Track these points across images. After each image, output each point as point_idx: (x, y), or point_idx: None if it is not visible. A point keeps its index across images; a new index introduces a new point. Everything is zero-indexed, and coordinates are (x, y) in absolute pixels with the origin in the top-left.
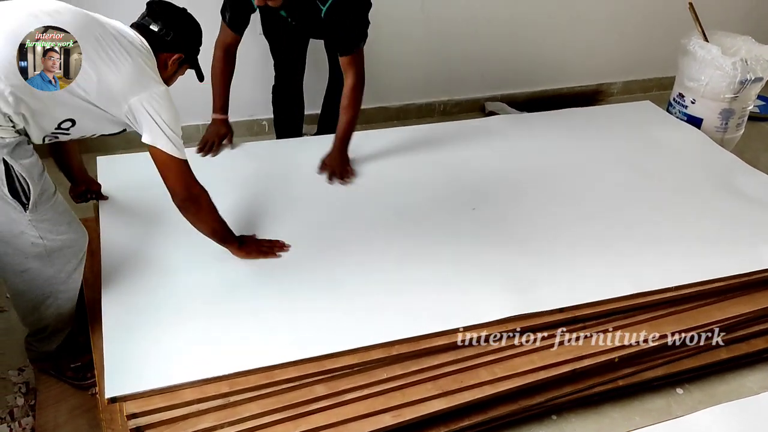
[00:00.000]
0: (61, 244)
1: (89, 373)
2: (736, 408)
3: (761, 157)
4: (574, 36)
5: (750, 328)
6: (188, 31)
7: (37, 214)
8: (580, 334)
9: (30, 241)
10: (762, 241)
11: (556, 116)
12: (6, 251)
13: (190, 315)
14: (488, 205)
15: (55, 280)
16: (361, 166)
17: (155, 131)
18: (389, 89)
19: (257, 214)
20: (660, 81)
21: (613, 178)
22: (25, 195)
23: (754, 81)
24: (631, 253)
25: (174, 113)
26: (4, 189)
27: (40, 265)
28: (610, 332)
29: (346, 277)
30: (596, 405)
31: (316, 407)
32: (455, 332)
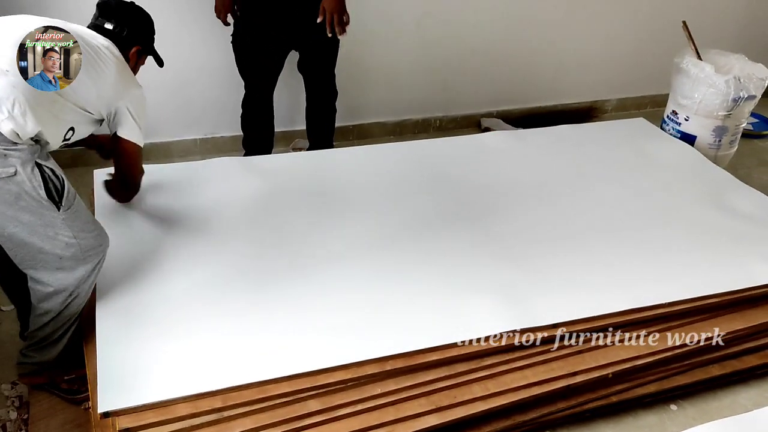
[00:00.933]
0: (93, 242)
1: (83, 387)
2: (731, 424)
3: (754, 174)
4: (569, 53)
5: (742, 345)
6: (140, 23)
7: (69, 213)
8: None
9: (65, 241)
10: (755, 257)
11: (551, 132)
12: (41, 256)
13: (184, 329)
14: (483, 220)
15: (83, 279)
16: (357, 180)
17: (132, 127)
18: (386, 105)
19: (254, 228)
20: (654, 98)
21: (608, 194)
22: (58, 194)
23: (747, 99)
24: (625, 269)
25: (145, 107)
26: (41, 191)
27: (73, 264)
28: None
29: (340, 292)
30: (590, 421)
31: (310, 422)
32: (449, 348)
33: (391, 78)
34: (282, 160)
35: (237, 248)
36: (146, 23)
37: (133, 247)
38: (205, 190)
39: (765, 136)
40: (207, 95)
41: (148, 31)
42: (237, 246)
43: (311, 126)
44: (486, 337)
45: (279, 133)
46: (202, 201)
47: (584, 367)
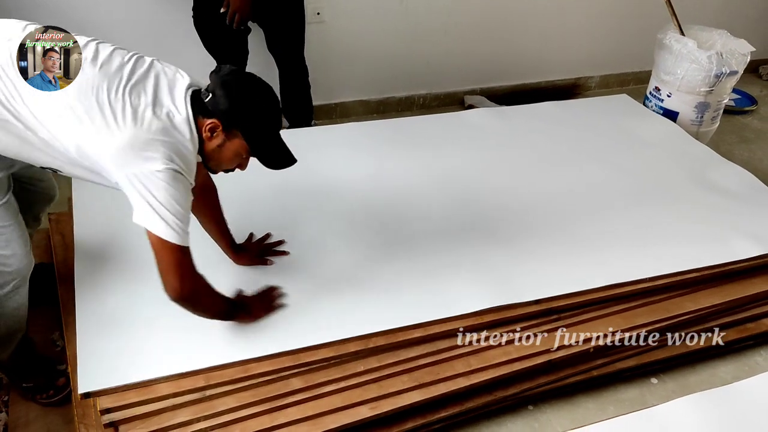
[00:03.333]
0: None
1: (51, 390)
2: (711, 397)
3: (735, 150)
4: (552, 30)
5: (722, 319)
6: (238, 97)
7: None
8: (555, 325)
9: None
10: (735, 232)
11: (535, 109)
12: None
13: (165, 309)
14: (466, 198)
15: None
16: (340, 158)
17: (145, 212)
18: (369, 83)
19: (233, 209)
20: (637, 75)
21: (590, 170)
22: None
23: (729, 74)
24: (606, 245)
25: (173, 192)
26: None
27: None
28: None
29: (322, 270)
30: (571, 395)
31: (293, 400)
32: (432, 324)
33: (374, 55)
34: None
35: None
36: (249, 103)
37: (112, 227)
38: None
39: (747, 112)
40: None
41: (244, 112)
42: None
43: (286, 105)
44: (464, 315)
45: None
46: None
47: (565, 342)
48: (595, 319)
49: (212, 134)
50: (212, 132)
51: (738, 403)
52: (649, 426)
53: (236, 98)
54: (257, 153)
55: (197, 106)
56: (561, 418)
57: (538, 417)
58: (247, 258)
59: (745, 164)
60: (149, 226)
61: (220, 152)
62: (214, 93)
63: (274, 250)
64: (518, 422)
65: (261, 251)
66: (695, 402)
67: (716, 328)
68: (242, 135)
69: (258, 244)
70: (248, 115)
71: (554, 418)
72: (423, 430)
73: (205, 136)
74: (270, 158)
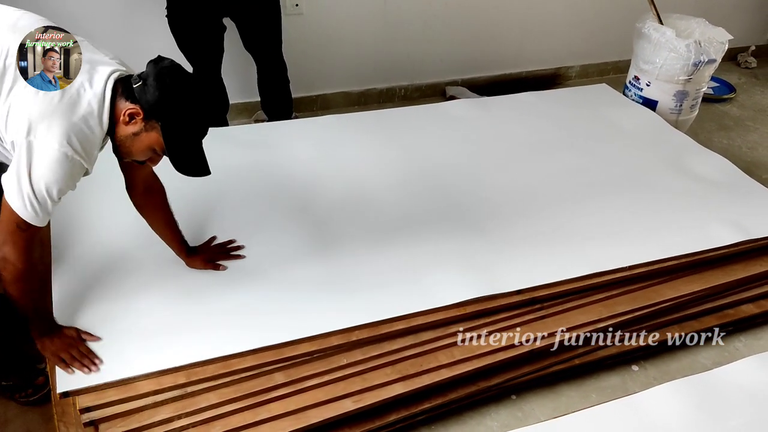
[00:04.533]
0: None
1: (30, 389)
2: (691, 383)
3: (714, 138)
4: (532, 20)
5: (701, 306)
6: (169, 92)
7: None
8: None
9: None
10: (713, 220)
11: (515, 100)
12: None
13: (144, 306)
14: (448, 188)
15: None
16: (321, 150)
17: (12, 177)
18: (350, 74)
19: (211, 204)
20: (616, 64)
21: (570, 160)
22: None
23: (707, 63)
24: (586, 235)
25: (49, 176)
26: None
27: None
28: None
29: (303, 263)
30: (553, 384)
31: (276, 395)
32: (415, 316)
33: (355, 47)
34: (240, 131)
35: (197, 223)
36: (186, 106)
37: (89, 225)
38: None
39: (725, 100)
40: None
41: (182, 119)
42: (197, 221)
43: (266, 101)
44: (447, 306)
45: (241, 105)
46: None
47: (548, 332)
48: (577, 308)
49: (130, 120)
50: (131, 118)
51: (718, 389)
52: (631, 413)
53: (167, 92)
54: (171, 153)
55: (125, 90)
56: (544, 407)
57: (522, 406)
58: (200, 261)
59: (723, 152)
60: (7, 193)
61: (134, 141)
62: (145, 81)
63: (231, 254)
64: (502, 412)
65: (214, 255)
66: (676, 388)
67: (716, 328)
68: (161, 130)
69: (211, 247)
70: (174, 112)
71: (537, 407)
72: (407, 421)
73: (123, 120)
74: (182, 162)
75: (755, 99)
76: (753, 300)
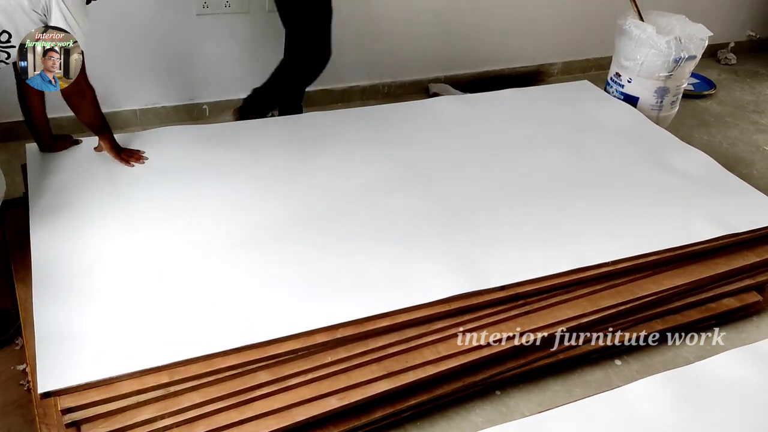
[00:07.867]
0: None
1: None
2: (674, 377)
3: (695, 134)
4: (515, 17)
5: (684, 300)
6: None
7: None
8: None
9: None
10: (694, 215)
11: (498, 96)
12: None
13: (127, 304)
14: (432, 185)
15: None
16: (305, 148)
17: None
18: (333, 72)
19: (191, 203)
20: (598, 61)
21: (552, 156)
22: None
23: (687, 59)
24: (570, 230)
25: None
26: None
27: None
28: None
29: (286, 261)
30: (538, 379)
31: (260, 393)
32: (399, 313)
33: (337, 44)
34: (221, 129)
35: (180, 220)
36: None
37: (69, 221)
38: (149, 159)
39: (705, 96)
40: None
41: None
42: (180, 217)
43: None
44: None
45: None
46: (141, 171)
47: (532, 327)
48: (561, 303)
49: None
50: None
51: (701, 382)
52: (614, 406)
53: None
54: None
55: None
56: (529, 401)
57: (506, 402)
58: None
59: (704, 147)
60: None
61: None
62: None
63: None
64: (487, 407)
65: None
66: (659, 382)
67: (716, 327)
68: None
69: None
70: None
71: (522, 402)
72: (392, 418)
73: None
74: None
75: (735, 95)
76: (734, 294)
